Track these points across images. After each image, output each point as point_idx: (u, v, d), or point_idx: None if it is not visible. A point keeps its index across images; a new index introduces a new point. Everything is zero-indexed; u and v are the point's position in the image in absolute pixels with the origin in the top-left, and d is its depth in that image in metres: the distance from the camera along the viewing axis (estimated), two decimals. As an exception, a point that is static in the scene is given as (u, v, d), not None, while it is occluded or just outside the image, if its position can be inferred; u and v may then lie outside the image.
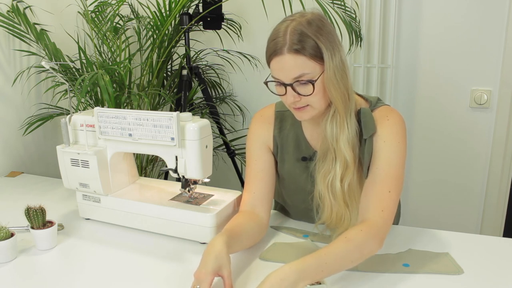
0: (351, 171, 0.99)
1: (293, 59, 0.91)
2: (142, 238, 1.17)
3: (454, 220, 2.20)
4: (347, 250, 0.89)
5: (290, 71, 0.92)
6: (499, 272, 0.97)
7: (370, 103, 1.05)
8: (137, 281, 0.97)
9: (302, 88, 0.94)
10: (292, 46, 0.90)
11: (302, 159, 1.11)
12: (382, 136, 1.00)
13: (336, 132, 0.98)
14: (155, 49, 1.89)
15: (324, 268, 0.86)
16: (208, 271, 0.85)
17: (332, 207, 1.02)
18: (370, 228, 0.93)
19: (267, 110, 1.16)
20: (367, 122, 0.99)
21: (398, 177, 0.98)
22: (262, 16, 2.06)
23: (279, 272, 0.82)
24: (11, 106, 1.81)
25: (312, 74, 0.92)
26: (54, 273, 1.01)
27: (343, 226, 1.03)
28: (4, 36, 1.75)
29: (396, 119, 1.01)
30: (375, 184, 0.98)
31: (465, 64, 1.99)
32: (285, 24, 0.94)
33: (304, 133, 1.11)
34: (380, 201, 0.97)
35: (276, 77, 0.96)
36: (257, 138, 1.14)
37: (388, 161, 0.98)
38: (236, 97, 2.42)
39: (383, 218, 0.95)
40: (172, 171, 1.14)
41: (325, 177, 1.01)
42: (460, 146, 2.10)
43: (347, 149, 0.98)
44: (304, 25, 0.92)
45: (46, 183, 1.62)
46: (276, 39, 0.93)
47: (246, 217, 1.07)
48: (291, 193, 1.19)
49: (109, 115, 1.14)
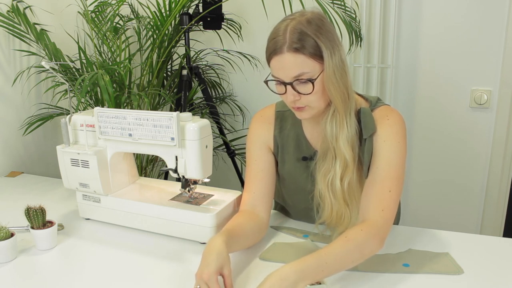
0: (351, 170, 0.99)
1: (292, 58, 0.91)
2: (142, 238, 1.17)
3: (454, 220, 2.20)
4: (347, 250, 0.89)
5: (290, 70, 0.93)
6: (499, 272, 0.97)
7: (370, 103, 1.05)
8: (137, 281, 0.97)
9: (302, 87, 0.95)
10: (292, 45, 0.91)
11: (303, 159, 1.11)
12: (382, 136, 1.00)
13: (336, 131, 0.98)
14: (155, 49, 1.89)
15: (325, 268, 0.86)
16: (211, 271, 0.85)
17: (333, 206, 1.02)
18: (371, 228, 0.93)
19: (268, 110, 1.16)
20: (367, 122, 1.00)
21: (398, 176, 0.98)
22: (262, 16, 2.06)
23: (279, 272, 0.82)
24: (11, 106, 1.81)
25: (311, 73, 0.93)
26: (54, 273, 1.01)
27: (343, 225, 1.03)
28: (4, 36, 1.75)
29: (396, 119, 1.01)
30: (375, 184, 0.98)
31: (465, 64, 1.99)
32: (285, 23, 0.94)
33: (304, 133, 1.11)
34: (380, 201, 0.97)
35: (276, 76, 0.96)
36: (257, 138, 1.14)
37: (388, 161, 0.98)
38: (236, 97, 2.42)
39: (384, 218, 0.95)
40: (172, 171, 1.14)
41: (325, 176, 1.02)
42: (460, 146, 2.10)
43: (347, 148, 0.98)
44: (304, 24, 0.92)
45: (46, 183, 1.62)
46: (276, 38, 0.93)
47: (246, 217, 1.07)
48: (291, 193, 1.19)
49: (109, 115, 1.14)
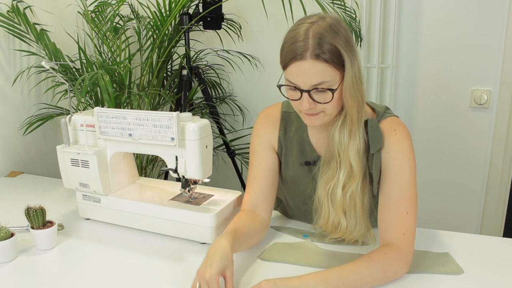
0: (356, 181, 0.97)
1: (314, 65, 0.87)
2: (142, 238, 1.17)
3: (454, 220, 2.20)
4: (370, 270, 0.90)
5: (310, 78, 0.88)
6: (499, 272, 0.97)
7: (377, 113, 1.02)
8: (137, 281, 0.97)
9: (319, 96, 0.91)
10: (314, 52, 0.86)
11: (306, 164, 1.10)
12: (391, 153, 0.97)
13: (346, 140, 0.96)
14: (155, 49, 1.89)
15: (345, 282, 0.86)
16: (214, 272, 0.85)
17: (330, 214, 1.01)
18: (394, 251, 0.93)
19: (273, 110, 1.13)
20: (374, 136, 0.97)
21: (412, 196, 0.97)
22: (262, 16, 2.06)
23: (300, 276, 0.86)
24: (11, 106, 1.81)
25: (331, 82, 0.88)
26: (54, 273, 1.01)
27: (339, 234, 1.03)
28: (4, 36, 1.75)
29: (404, 134, 0.99)
30: (391, 207, 0.97)
31: (465, 64, 1.99)
32: (304, 26, 0.89)
33: (309, 137, 1.09)
34: (400, 225, 0.96)
35: (293, 82, 0.91)
36: (262, 137, 1.11)
37: (400, 181, 0.97)
38: (236, 97, 2.42)
39: (406, 242, 0.95)
40: (172, 171, 1.14)
41: (327, 184, 1.00)
42: (460, 146, 2.10)
43: (355, 158, 0.95)
44: (326, 29, 0.87)
45: (46, 183, 1.62)
46: (297, 43, 0.87)
47: (248, 217, 1.06)
48: (292, 194, 1.18)
49: (109, 115, 1.14)
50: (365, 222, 1.01)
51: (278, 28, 2.09)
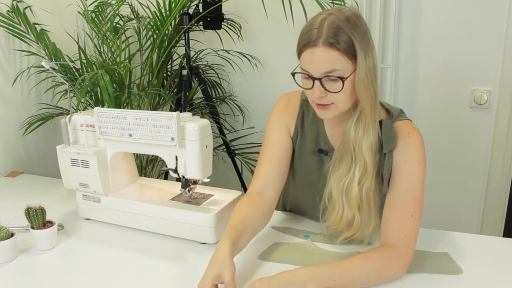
0: (370, 176, 0.97)
1: (326, 52, 0.88)
2: (142, 238, 1.17)
3: (454, 220, 2.20)
4: (365, 268, 0.89)
5: (322, 65, 0.89)
6: (499, 272, 0.97)
7: (392, 115, 1.02)
8: (137, 281, 0.97)
9: (330, 84, 0.91)
10: (327, 39, 0.87)
11: (319, 151, 1.09)
12: (402, 155, 0.98)
13: (360, 136, 0.96)
14: (155, 49, 1.89)
15: (337, 279, 0.86)
16: (205, 282, 0.85)
17: (343, 211, 1.00)
18: (392, 252, 0.93)
19: (294, 96, 1.13)
20: (388, 136, 0.97)
21: (419, 200, 0.97)
22: (262, 16, 2.06)
23: (292, 271, 0.85)
24: (11, 106, 1.81)
25: (343, 71, 0.89)
26: (54, 273, 1.01)
27: (351, 232, 1.03)
28: (4, 36, 1.75)
29: (417, 138, 0.99)
30: (396, 208, 0.97)
31: (465, 64, 1.99)
32: (321, 17, 0.91)
33: (325, 128, 1.09)
34: (402, 226, 0.96)
35: (306, 69, 0.92)
36: (281, 118, 1.11)
37: (408, 184, 0.97)
38: (236, 97, 2.42)
39: (406, 244, 0.94)
40: (172, 171, 1.14)
41: (340, 180, 0.99)
42: (460, 146, 2.10)
43: (369, 154, 0.96)
44: (342, 20, 0.88)
45: (46, 183, 1.62)
46: (311, 31, 0.89)
47: (251, 204, 1.04)
48: (301, 186, 1.17)
49: (109, 115, 1.14)
50: (376, 220, 1.02)
51: (278, 28, 2.09)
